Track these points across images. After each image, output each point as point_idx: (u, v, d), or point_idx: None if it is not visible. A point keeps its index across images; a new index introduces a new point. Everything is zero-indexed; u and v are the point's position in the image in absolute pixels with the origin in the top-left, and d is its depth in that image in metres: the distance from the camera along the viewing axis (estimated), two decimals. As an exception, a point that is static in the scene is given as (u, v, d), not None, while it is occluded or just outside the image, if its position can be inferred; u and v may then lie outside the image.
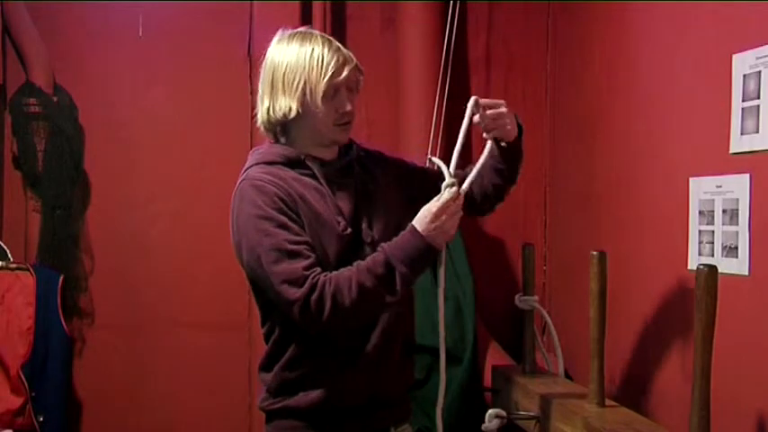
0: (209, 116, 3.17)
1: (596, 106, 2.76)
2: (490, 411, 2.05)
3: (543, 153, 3.27)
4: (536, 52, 3.27)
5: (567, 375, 2.63)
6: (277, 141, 1.83)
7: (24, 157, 3.01)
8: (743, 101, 1.86)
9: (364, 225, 1.77)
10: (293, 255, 1.66)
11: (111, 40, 3.13)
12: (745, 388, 1.82)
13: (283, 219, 1.69)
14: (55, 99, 3.03)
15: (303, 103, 1.72)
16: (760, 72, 1.80)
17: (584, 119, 2.86)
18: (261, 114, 1.79)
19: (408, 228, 1.69)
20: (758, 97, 1.81)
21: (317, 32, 1.78)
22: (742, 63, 1.86)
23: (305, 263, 1.66)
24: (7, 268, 2.93)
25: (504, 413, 2.03)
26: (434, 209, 1.68)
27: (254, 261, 1.70)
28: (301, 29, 1.81)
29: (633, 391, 2.32)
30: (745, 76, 1.85)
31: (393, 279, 1.66)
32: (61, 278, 2.98)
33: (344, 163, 1.82)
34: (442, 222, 1.68)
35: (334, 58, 1.71)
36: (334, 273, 1.67)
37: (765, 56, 1.79)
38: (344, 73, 1.72)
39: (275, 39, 1.80)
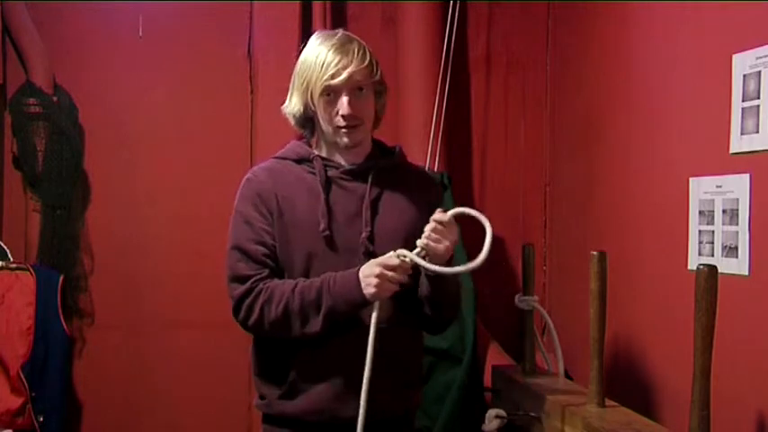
0: (210, 116, 3.17)
1: (596, 106, 2.76)
2: (490, 411, 2.05)
3: (543, 153, 3.27)
4: (536, 52, 3.27)
5: (567, 375, 2.63)
6: (304, 138, 1.86)
7: (24, 157, 3.01)
8: (743, 101, 1.86)
9: (363, 234, 1.74)
10: (247, 254, 1.72)
11: (111, 40, 3.13)
12: (745, 388, 1.82)
13: (253, 215, 1.74)
14: (55, 99, 3.02)
15: (306, 102, 1.74)
16: (760, 72, 1.80)
17: (585, 119, 2.87)
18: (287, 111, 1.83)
19: (356, 269, 1.67)
20: (758, 97, 1.81)
21: (340, 33, 1.77)
22: (742, 63, 1.86)
23: (255, 265, 1.70)
24: (7, 268, 2.93)
25: (504, 413, 2.03)
26: (377, 262, 1.63)
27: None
28: (337, 30, 1.80)
29: (633, 391, 2.32)
30: (745, 76, 1.85)
31: (318, 310, 1.66)
32: (61, 278, 2.98)
33: (360, 168, 1.79)
34: (378, 274, 1.62)
35: (335, 60, 1.70)
36: (277, 282, 1.69)
37: (765, 56, 1.79)
38: (343, 75, 1.70)
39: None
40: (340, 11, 3.18)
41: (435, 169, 2.94)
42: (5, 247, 2.98)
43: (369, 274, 1.64)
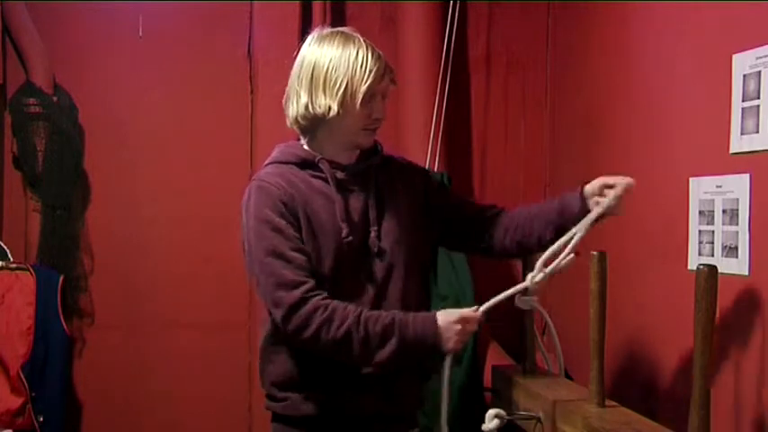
0: (209, 116, 3.17)
1: (596, 106, 2.76)
2: (490, 411, 2.05)
3: (543, 153, 3.27)
4: (536, 52, 3.27)
5: (567, 375, 2.63)
6: (302, 138, 1.84)
7: (24, 157, 3.01)
8: (743, 101, 1.86)
9: (372, 234, 1.76)
10: (289, 260, 1.67)
11: (111, 40, 3.12)
12: (746, 388, 1.82)
13: (281, 223, 1.69)
14: (55, 99, 3.02)
15: (343, 104, 1.73)
16: (760, 72, 1.80)
17: (585, 119, 2.86)
18: (296, 109, 1.78)
19: (432, 313, 1.70)
20: (758, 97, 1.81)
21: (357, 35, 1.78)
22: (742, 63, 1.86)
23: (301, 272, 1.66)
24: (7, 268, 2.92)
25: (504, 413, 2.03)
26: (459, 316, 1.69)
27: (252, 261, 1.72)
28: (342, 29, 1.81)
29: (633, 391, 2.32)
30: (745, 76, 1.85)
31: (383, 346, 1.65)
32: (61, 278, 2.97)
33: (362, 168, 1.81)
34: (459, 331, 1.69)
35: (377, 65, 1.74)
36: (336, 302, 1.65)
37: (765, 56, 1.79)
38: (385, 80, 1.76)
39: (313, 36, 1.80)
40: (340, 11, 3.18)
41: (435, 169, 2.94)
42: (5, 247, 2.98)
43: (450, 327, 1.67)
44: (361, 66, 1.72)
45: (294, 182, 1.76)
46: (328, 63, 1.73)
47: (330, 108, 1.72)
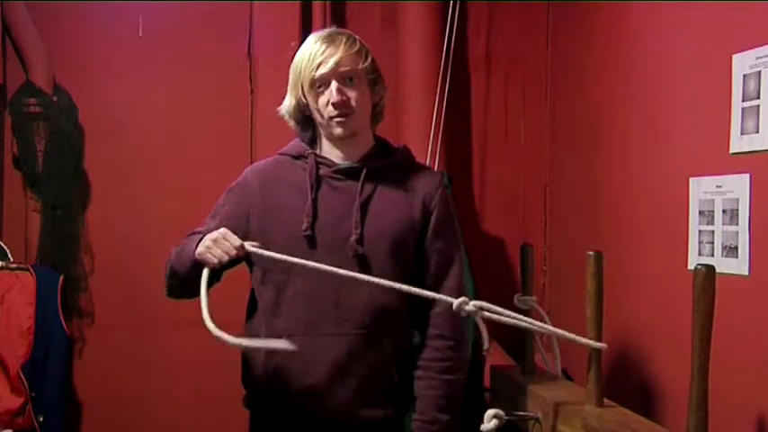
0: (209, 116, 3.17)
1: (596, 106, 2.76)
2: (489, 411, 2.04)
3: (543, 153, 3.27)
4: (536, 52, 3.27)
5: (567, 375, 2.63)
6: (302, 134, 1.85)
7: (24, 157, 3.01)
8: (743, 101, 1.86)
9: (353, 237, 1.70)
10: (206, 224, 1.83)
11: (111, 40, 3.13)
12: (745, 388, 1.82)
13: (224, 210, 1.83)
14: (55, 99, 3.02)
15: (298, 97, 1.75)
16: (760, 72, 1.80)
17: (584, 119, 2.86)
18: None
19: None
20: (758, 97, 1.81)
21: (331, 30, 1.77)
22: (742, 63, 1.86)
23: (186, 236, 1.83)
24: (7, 268, 2.93)
25: (503, 413, 2.03)
26: (222, 233, 1.70)
27: None
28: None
29: (632, 391, 2.31)
30: (745, 76, 1.85)
31: (181, 255, 1.81)
32: (61, 278, 2.98)
33: (352, 168, 1.76)
34: (215, 238, 1.70)
35: (320, 50, 1.70)
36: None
37: (765, 56, 1.79)
38: (329, 63, 1.68)
39: None
40: (340, 11, 3.18)
41: (435, 169, 2.94)
42: (5, 247, 2.98)
43: (209, 236, 1.71)
44: (307, 55, 1.72)
45: (275, 173, 1.80)
46: (294, 61, 1.77)
47: (291, 104, 1.78)
